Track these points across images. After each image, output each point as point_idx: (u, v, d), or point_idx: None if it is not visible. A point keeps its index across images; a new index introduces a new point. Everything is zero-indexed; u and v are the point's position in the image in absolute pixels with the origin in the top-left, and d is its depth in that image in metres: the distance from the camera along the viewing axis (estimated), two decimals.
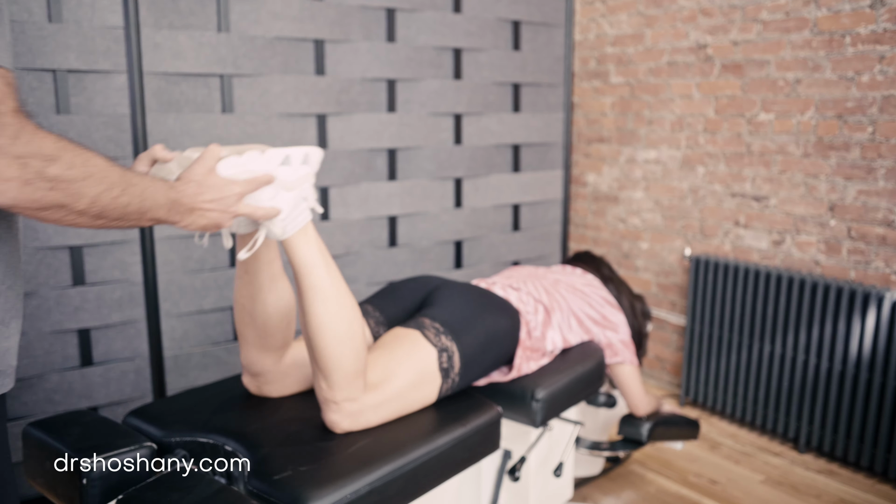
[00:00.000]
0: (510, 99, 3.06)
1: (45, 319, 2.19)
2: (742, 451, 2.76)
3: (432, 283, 1.83)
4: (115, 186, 1.02)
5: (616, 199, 3.53)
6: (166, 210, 1.13)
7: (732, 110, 2.97)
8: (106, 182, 1.00)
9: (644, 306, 2.36)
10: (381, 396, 1.45)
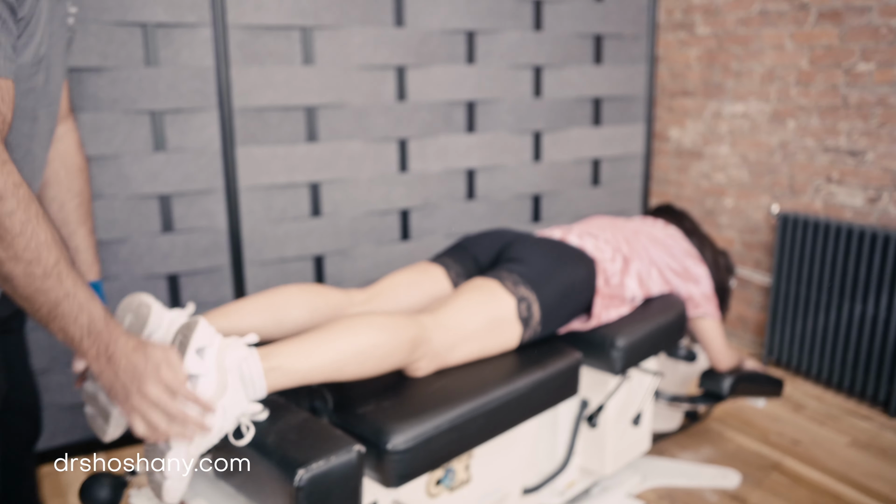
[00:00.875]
0: (591, 51, 2.99)
1: (137, 265, 2.29)
2: (827, 412, 2.68)
3: (508, 236, 1.82)
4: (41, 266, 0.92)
5: (700, 154, 3.42)
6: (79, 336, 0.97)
7: (828, 61, 2.82)
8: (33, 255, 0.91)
9: (728, 261, 2.30)
10: (455, 337, 1.46)
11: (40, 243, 0.91)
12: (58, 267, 0.94)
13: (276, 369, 1.19)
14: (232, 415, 1.14)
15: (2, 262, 0.90)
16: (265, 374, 1.18)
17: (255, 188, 2.42)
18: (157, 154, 2.25)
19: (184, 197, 2.32)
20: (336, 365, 1.26)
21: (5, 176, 0.88)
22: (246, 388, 1.16)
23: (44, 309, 0.94)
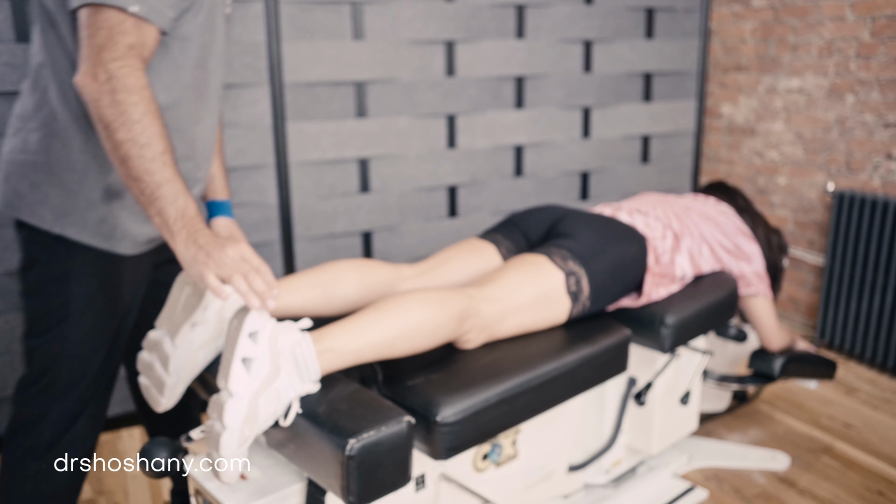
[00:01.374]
0: (643, 25, 2.94)
1: None
2: (882, 397, 2.62)
3: (557, 212, 1.81)
4: (151, 150, 1.11)
5: (753, 131, 3.34)
6: (174, 217, 1.12)
7: (892, 32, 2.72)
8: (146, 140, 1.11)
9: (781, 239, 2.25)
10: (503, 309, 1.46)
11: (153, 133, 1.12)
12: (164, 156, 1.12)
13: (328, 351, 1.21)
14: (286, 397, 1.17)
15: (122, 143, 1.11)
16: (318, 356, 1.20)
17: (305, 164, 2.44)
18: None
19: (235, 172, 2.36)
20: (387, 343, 1.28)
21: (136, 78, 1.12)
22: (300, 370, 1.19)
23: (148, 189, 1.11)
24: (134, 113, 1.11)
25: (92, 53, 1.12)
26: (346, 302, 1.51)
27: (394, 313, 1.30)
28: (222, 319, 1.29)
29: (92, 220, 1.33)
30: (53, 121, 1.29)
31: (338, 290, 1.50)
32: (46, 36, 1.27)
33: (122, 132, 1.11)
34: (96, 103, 1.12)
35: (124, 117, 1.10)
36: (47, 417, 1.37)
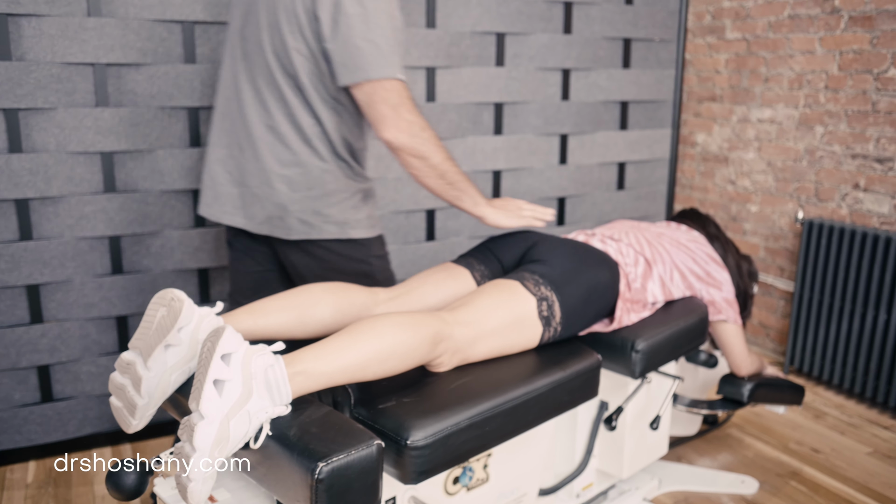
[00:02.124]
0: (620, 54, 3.00)
1: (168, 258, 2.35)
2: (849, 422, 2.67)
3: (531, 238, 1.85)
4: (449, 163, 1.67)
5: (726, 159, 3.42)
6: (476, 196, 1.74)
7: (858, 66, 2.81)
8: (444, 156, 1.65)
9: (751, 266, 2.30)
10: (476, 332, 1.49)
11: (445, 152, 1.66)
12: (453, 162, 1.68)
13: (300, 374, 1.23)
14: (257, 419, 1.19)
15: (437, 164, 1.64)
16: (290, 378, 1.22)
17: None
18: (191, 149, 2.31)
19: None
20: (360, 366, 1.30)
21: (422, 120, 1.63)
22: (272, 393, 1.20)
23: (459, 185, 1.70)
24: (434, 144, 1.63)
25: (392, 113, 1.58)
26: (321, 325, 1.53)
27: (367, 336, 1.32)
28: (196, 341, 1.31)
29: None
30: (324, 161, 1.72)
31: (313, 313, 1.52)
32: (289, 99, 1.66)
33: (434, 158, 1.63)
34: (410, 146, 1.60)
35: (431, 148, 1.62)
36: None
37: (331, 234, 1.74)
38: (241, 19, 1.71)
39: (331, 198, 1.72)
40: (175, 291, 1.31)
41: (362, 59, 1.56)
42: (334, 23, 1.56)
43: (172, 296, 1.31)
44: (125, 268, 2.31)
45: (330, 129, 1.68)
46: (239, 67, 1.72)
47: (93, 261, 2.26)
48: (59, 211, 2.19)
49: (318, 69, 1.62)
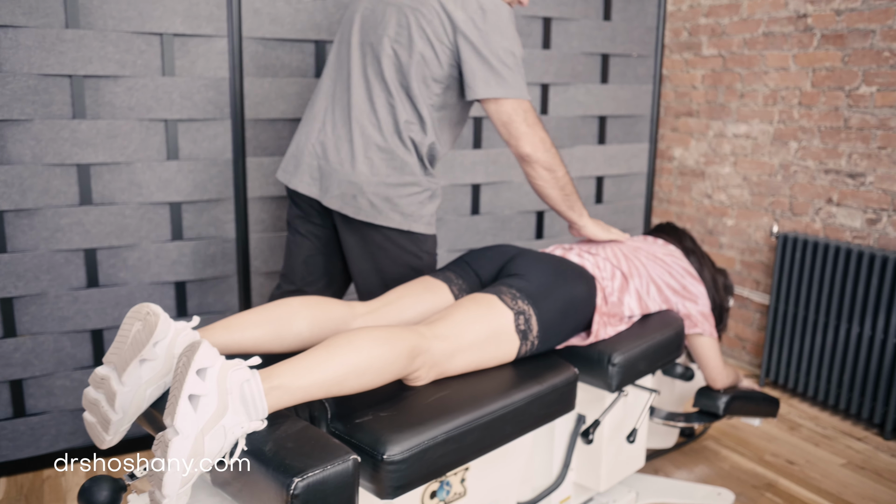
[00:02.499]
0: (598, 70, 3.04)
1: (145, 271, 2.33)
2: (823, 433, 2.70)
3: (509, 252, 1.86)
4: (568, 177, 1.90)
5: (702, 174, 3.46)
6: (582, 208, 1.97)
7: (831, 83, 2.86)
8: (565, 171, 1.88)
9: (726, 280, 2.33)
10: (453, 346, 1.49)
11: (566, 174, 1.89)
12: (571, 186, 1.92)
13: (276, 388, 1.23)
14: (232, 435, 1.18)
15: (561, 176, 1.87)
16: (266, 393, 1.22)
17: (265, 198, 2.47)
18: (169, 162, 2.30)
19: (194, 205, 2.37)
20: (337, 381, 1.30)
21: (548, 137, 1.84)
22: (247, 408, 1.20)
23: (572, 196, 1.92)
24: (560, 159, 1.86)
25: (529, 130, 1.79)
26: (298, 339, 1.53)
27: (344, 351, 1.32)
28: (171, 355, 1.30)
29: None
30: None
31: (290, 327, 1.52)
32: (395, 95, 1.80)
33: (559, 172, 1.85)
34: (545, 160, 1.82)
35: (558, 162, 1.85)
36: None
37: (395, 222, 1.84)
38: (367, 12, 1.85)
39: (404, 189, 1.83)
40: (151, 306, 1.31)
41: (501, 77, 1.74)
42: (478, 41, 1.73)
43: (148, 310, 1.30)
44: (101, 281, 2.29)
45: (426, 130, 1.83)
46: (354, 56, 1.86)
47: (68, 274, 2.24)
48: (34, 223, 2.17)
49: (430, 78, 1.79)
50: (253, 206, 2.45)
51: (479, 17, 1.73)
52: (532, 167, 1.83)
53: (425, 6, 1.75)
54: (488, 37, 1.73)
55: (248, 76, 2.37)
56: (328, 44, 2.47)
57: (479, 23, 1.73)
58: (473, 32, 1.73)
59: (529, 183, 1.90)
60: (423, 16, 1.75)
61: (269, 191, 2.46)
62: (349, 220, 1.88)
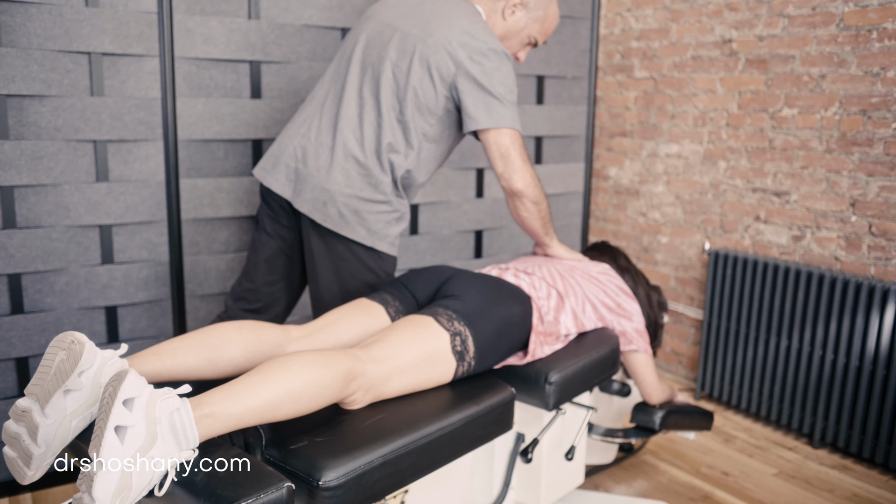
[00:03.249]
0: (534, 91, 3.09)
1: (73, 297, 2.26)
2: (756, 444, 2.77)
3: (446, 273, 1.87)
4: (549, 208, 2.03)
5: (637, 192, 3.54)
6: (553, 234, 2.12)
7: (756, 105, 2.97)
8: (548, 203, 2.02)
9: (660, 297, 2.38)
10: (389, 368, 1.49)
11: (548, 206, 2.03)
12: (549, 215, 2.05)
13: (208, 416, 1.20)
14: (162, 466, 1.15)
15: (544, 208, 1.99)
16: (197, 422, 1.19)
17: (199, 220, 2.42)
18: (98, 184, 2.24)
19: (125, 228, 2.31)
20: (271, 407, 1.27)
21: (539, 183, 1.97)
22: (177, 438, 1.17)
23: (548, 222, 2.05)
24: (544, 194, 1.98)
25: (524, 166, 1.88)
26: (232, 365, 1.50)
27: (277, 376, 1.30)
28: (98, 385, 1.26)
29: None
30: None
31: (224, 352, 1.49)
32: (385, 117, 1.86)
33: (543, 204, 1.98)
34: (534, 195, 1.93)
35: (543, 196, 1.97)
36: None
37: (360, 236, 1.90)
38: (374, 33, 1.93)
39: (374, 206, 1.89)
40: (75, 334, 1.27)
41: (503, 108, 1.84)
42: (481, 76, 1.82)
43: (73, 338, 1.26)
44: (26, 307, 2.21)
45: (407, 157, 1.89)
46: (354, 71, 1.92)
47: None
48: None
49: (424, 108, 1.86)
50: (187, 228, 2.40)
51: (483, 58, 1.83)
52: (521, 201, 1.94)
53: (432, 38, 1.84)
54: (491, 73, 1.83)
55: (181, 96, 2.33)
56: (263, 64, 2.45)
57: (482, 60, 1.83)
58: (476, 69, 1.82)
59: (513, 214, 2.00)
60: (428, 47, 1.83)
61: (203, 213, 2.41)
62: (317, 226, 1.92)
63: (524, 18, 2.02)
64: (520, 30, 2.04)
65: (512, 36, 2.05)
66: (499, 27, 2.02)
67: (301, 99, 2.53)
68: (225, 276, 2.49)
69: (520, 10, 2.01)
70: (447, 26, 1.85)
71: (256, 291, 2.09)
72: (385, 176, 1.89)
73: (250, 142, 2.48)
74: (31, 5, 2.07)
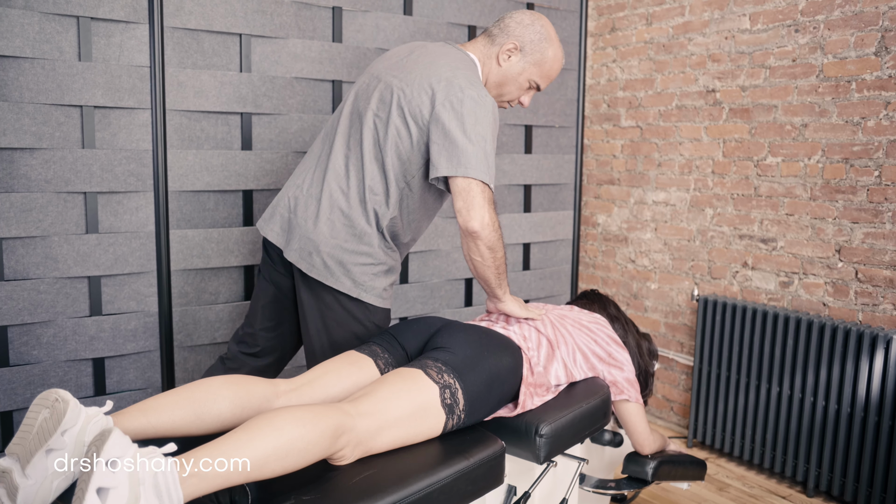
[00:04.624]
0: (522, 140, 3.13)
1: (60, 349, 2.24)
2: (750, 493, 2.75)
3: (435, 324, 1.87)
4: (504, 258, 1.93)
5: (626, 239, 3.57)
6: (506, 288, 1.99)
7: (740, 153, 3.02)
8: (504, 252, 1.92)
9: (651, 345, 2.38)
10: (378, 423, 1.47)
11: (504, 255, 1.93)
12: (504, 267, 1.95)
13: (193, 476, 1.18)
14: None
15: (500, 256, 1.90)
16: (182, 482, 1.17)
17: (188, 271, 2.42)
18: (88, 235, 2.24)
19: (114, 279, 2.30)
20: (257, 465, 1.26)
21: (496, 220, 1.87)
22: (161, 499, 1.15)
23: (503, 275, 1.94)
24: (502, 242, 1.89)
25: (484, 206, 1.80)
26: (219, 420, 1.48)
27: (265, 433, 1.28)
28: (81, 444, 1.24)
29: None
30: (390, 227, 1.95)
31: (210, 408, 1.47)
32: (367, 167, 1.89)
33: (499, 253, 1.88)
34: (489, 239, 1.83)
35: (500, 245, 1.88)
36: None
37: (345, 287, 1.90)
38: (363, 85, 1.98)
39: (358, 257, 1.90)
40: (59, 392, 1.25)
41: (467, 156, 1.78)
42: (451, 122, 1.79)
43: (56, 396, 1.25)
44: (12, 360, 2.18)
45: (389, 204, 1.89)
46: (343, 123, 1.97)
47: None
48: None
49: (404, 156, 1.87)
50: (176, 278, 2.40)
51: (458, 101, 1.80)
52: (475, 243, 1.85)
53: (414, 84, 1.86)
54: (463, 118, 1.79)
55: (172, 148, 2.35)
56: (254, 116, 2.47)
57: (456, 104, 1.79)
58: (448, 113, 1.79)
59: (466, 258, 1.92)
60: (404, 94, 1.85)
61: (193, 263, 2.41)
62: (305, 276, 1.94)
63: (520, 63, 2.00)
64: (517, 74, 2.01)
65: (509, 81, 2.02)
66: (495, 73, 2.01)
67: (292, 150, 2.55)
68: (214, 327, 2.47)
69: (515, 54, 1.99)
70: (428, 73, 1.86)
71: (255, 336, 2.11)
72: (370, 227, 1.89)
73: (241, 192, 2.49)
74: (25, 60, 2.10)
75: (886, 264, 2.56)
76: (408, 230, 1.98)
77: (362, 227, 1.89)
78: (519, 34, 1.98)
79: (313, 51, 2.55)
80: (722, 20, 3.05)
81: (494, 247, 1.86)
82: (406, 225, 1.96)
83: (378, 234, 1.91)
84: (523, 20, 1.99)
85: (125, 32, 2.24)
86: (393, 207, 1.90)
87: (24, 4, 2.08)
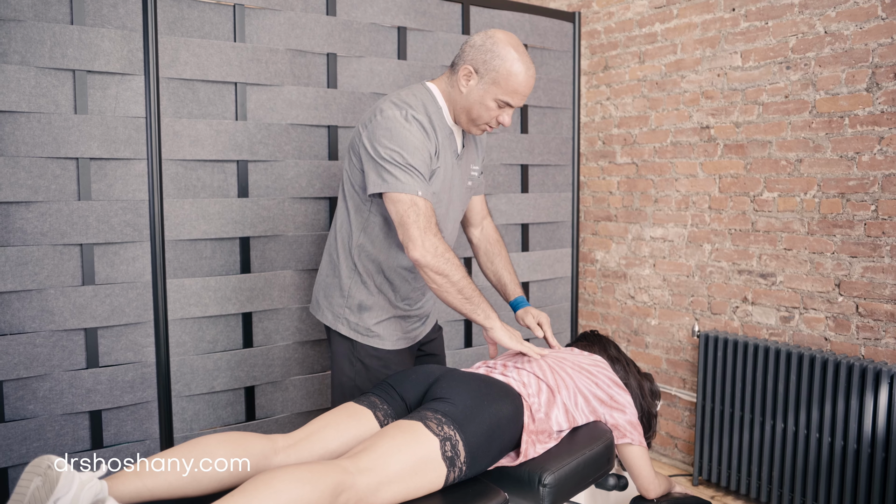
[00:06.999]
0: (518, 179, 3.13)
1: (57, 402, 2.22)
2: None
3: (434, 373, 1.85)
4: (466, 279, 1.89)
5: (624, 275, 3.56)
6: (489, 312, 1.96)
7: (736, 189, 3.02)
8: (462, 274, 1.87)
9: (653, 385, 2.36)
10: (378, 478, 1.45)
11: (462, 270, 1.88)
12: (469, 279, 1.90)
13: None
14: None
15: (457, 280, 1.86)
16: None
17: (186, 320, 2.40)
18: (84, 287, 2.23)
19: (111, 330, 2.29)
20: None
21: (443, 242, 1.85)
22: None
23: (474, 300, 1.90)
24: (454, 264, 1.85)
25: (419, 235, 1.80)
26: (217, 481, 1.46)
27: (263, 495, 1.27)
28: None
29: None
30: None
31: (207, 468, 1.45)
32: (341, 205, 2.04)
33: (454, 276, 1.85)
34: (434, 265, 1.82)
35: (451, 268, 1.84)
36: None
37: (328, 321, 2.05)
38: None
39: (332, 290, 2.06)
40: (52, 458, 1.23)
41: (387, 174, 1.83)
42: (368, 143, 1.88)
43: (49, 463, 1.23)
44: (7, 415, 2.16)
45: (353, 230, 2.01)
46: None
47: None
48: None
49: (357, 185, 1.97)
50: (174, 327, 2.38)
51: (370, 121, 1.90)
52: (424, 272, 1.86)
53: (360, 122, 1.97)
54: (375, 137, 1.86)
55: (169, 197, 2.35)
56: (250, 163, 2.48)
57: (369, 125, 1.89)
58: (365, 134, 1.90)
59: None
60: (356, 131, 1.97)
61: (190, 312, 2.40)
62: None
63: (479, 86, 1.92)
64: (480, 97, 1.94)
65: (474, 105, 1.95)
66: (460, 101, 1.97)
67: (288, 196, 2.55)
68: (213, 376, 2.45)
69: (473, 78, 1.93)
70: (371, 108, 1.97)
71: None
72: (338, 259, 2.04)
73: (237, 240, 2.49)
74: (20, 114, 2.10)
75: (887, 298, 2.55)
76: (389, 259, 2.01)
77: (335, 257, 2.05)
78: (472, 57, 1.91)
79: (308, 97, 2.56)
80: (714, 58, 3.08)
81: (444, 272, 1.84)
82: (381, 250, 2.01)
83: (350, 267, 2.03)
84: (475, 42, 1.92)
85: (121, 84, 2.25)
86: (357, 235, 2.00)
87: (20, 60, 2.10)
